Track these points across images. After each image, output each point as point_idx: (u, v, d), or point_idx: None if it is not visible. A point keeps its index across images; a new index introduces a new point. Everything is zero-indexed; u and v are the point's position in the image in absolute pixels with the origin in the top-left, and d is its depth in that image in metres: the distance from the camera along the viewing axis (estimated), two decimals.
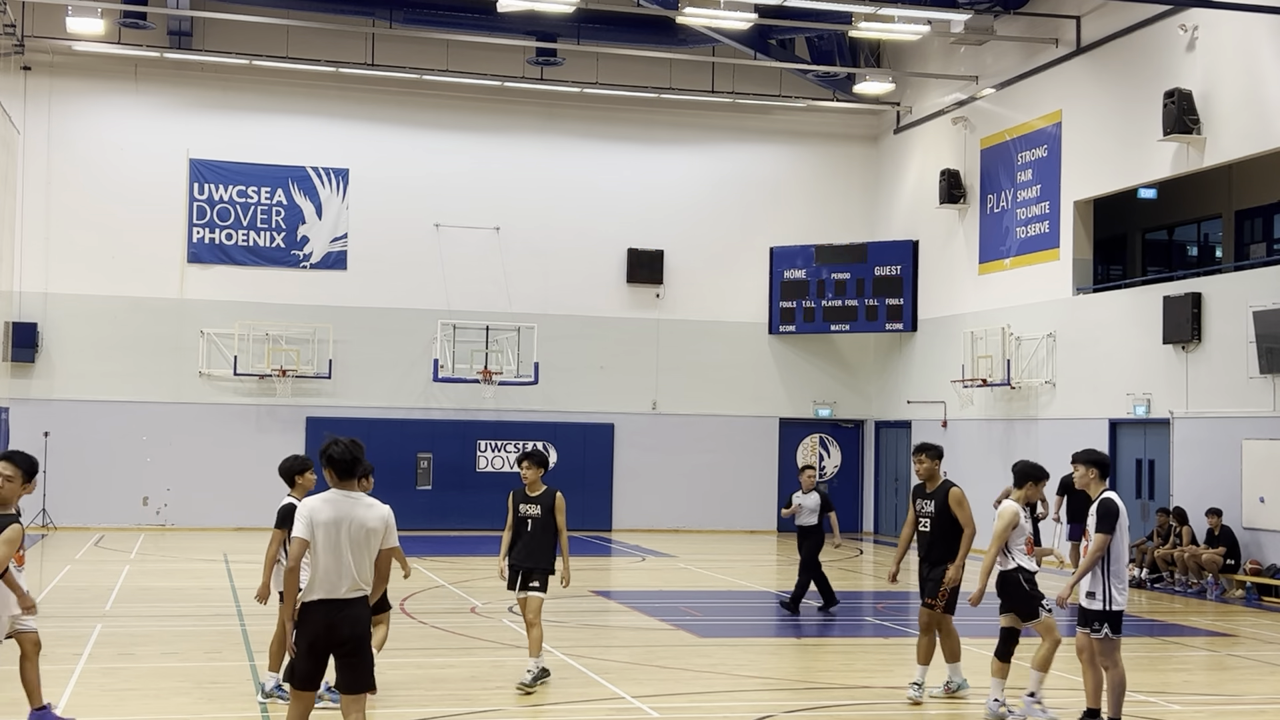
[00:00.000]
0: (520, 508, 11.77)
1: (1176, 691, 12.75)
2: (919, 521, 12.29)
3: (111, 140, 29.10)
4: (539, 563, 11.69)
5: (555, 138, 31.37)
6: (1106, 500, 10.70)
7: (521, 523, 11.74)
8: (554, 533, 11.74)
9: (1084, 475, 10.94)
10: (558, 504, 11.74)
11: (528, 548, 11.69)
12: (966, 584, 12.00)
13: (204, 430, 28.91)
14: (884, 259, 30.96)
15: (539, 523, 11.69)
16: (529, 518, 11.72)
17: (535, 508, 11.74)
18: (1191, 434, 21.90)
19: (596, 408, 31.26)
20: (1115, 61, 24.28)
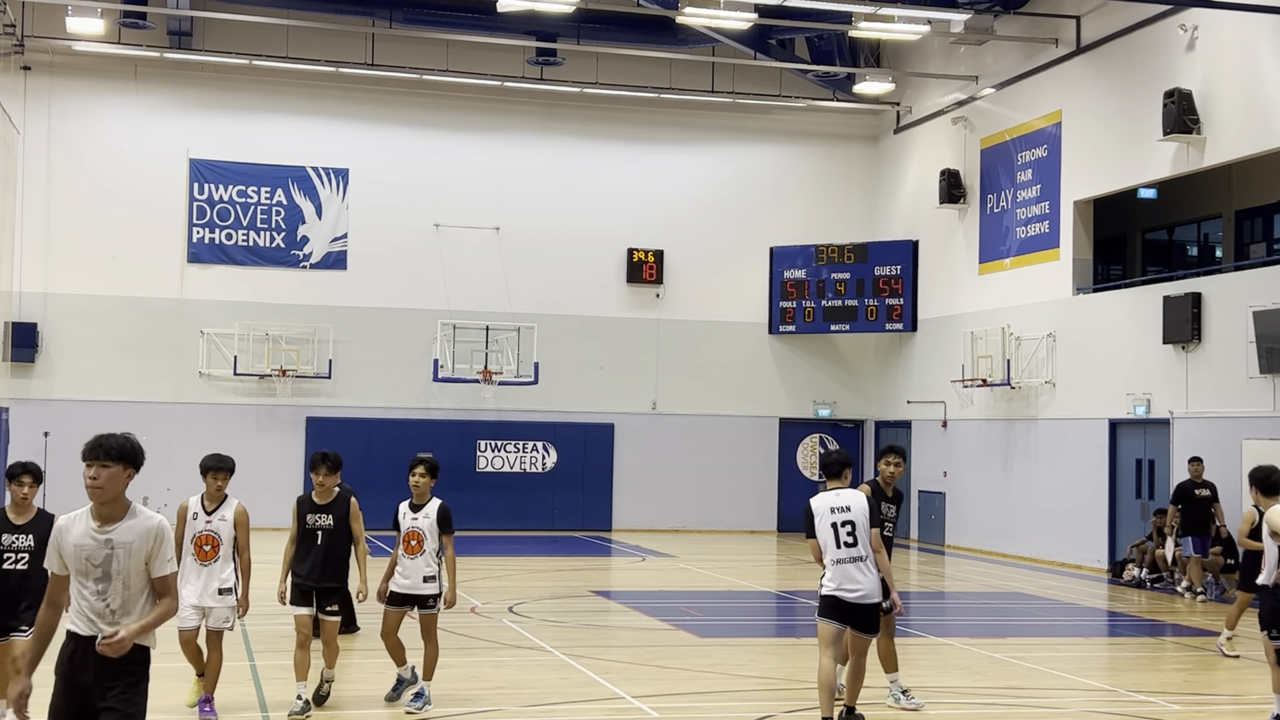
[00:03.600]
0: (309, 518, 10.78)
1: (1176, 691, 12.75)
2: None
3: (111, 140, 29.10)
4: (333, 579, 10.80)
5: (555, 138, 31.37)
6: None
7: (310, 534, 10.77)
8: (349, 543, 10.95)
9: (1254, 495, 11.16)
10: (352, 510, 10.88)
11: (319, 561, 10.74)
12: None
13: (204, 430, 28.87)
14: (884, 259, 30.96)
15: (330, 533, 10.75)
16: (320, 529, 10.74)
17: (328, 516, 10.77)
18: (1191, 434, 21.90)
19: (596, 408, 31.26)
20: (1115, 61, 24.28)
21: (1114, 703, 11.90)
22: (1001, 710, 11.59)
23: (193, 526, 10.40)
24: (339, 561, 10.79)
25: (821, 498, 10.20)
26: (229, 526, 10.45)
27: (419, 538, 10.92)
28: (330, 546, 10.74)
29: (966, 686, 12.65)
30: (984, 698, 12.07)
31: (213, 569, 10.40)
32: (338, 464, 10.96)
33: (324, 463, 10.88)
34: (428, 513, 11.00)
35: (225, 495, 10.60)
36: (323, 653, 10.96)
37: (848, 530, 9.97)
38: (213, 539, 10.40)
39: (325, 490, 10.82)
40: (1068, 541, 24.87)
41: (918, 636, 16.29)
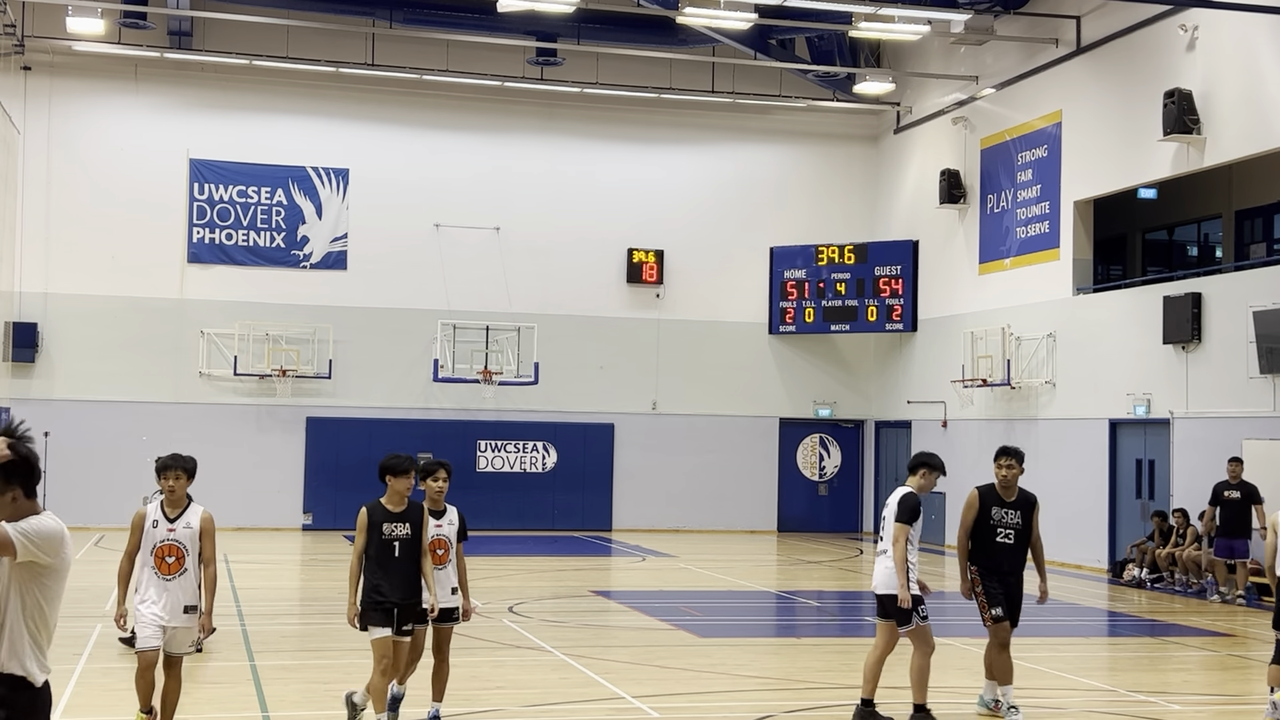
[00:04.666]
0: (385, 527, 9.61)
1: (1176, 691, 12.75)
2: (997, 532, 10.85)
3: (111, 140, 29.10)
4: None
5: (555, 138, 31.37)
6: None
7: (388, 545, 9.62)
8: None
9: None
10: (425, 518, 9.85)
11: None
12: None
13: (204, 430, 28.86)
14: (884, 259, 30.96)
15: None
16: (398, 539, 9.62)
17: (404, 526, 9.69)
18: (1191, 434, 21.90)
19: (596, 408, 31.25)
20: (1115, 61, 24.28)
21: (1114, 703, 11.90)
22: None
23: (152, 536, 9.18)
24: (418, 576, 9.67)
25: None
26: (194, 535, 9.22)
27: (445, 546, 10.06)
28: (410, 559, 9.61)
29: (966, 686, 12.64)
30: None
31: (179, 584, 9.15)
32: (409, 468, 9.77)
33: (412, 466, 9.80)
34: (451, 519, 10.19)
35: (189, 500, 9.38)
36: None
37: (884, 525, 10.61)
38: (177, 549, 9.16)
39: (403, 497, 9.66)
40: (1068, 541, 24.85)
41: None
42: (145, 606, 9.08)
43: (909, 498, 10.47)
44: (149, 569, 9.12)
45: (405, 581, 9.51)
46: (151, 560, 9.11)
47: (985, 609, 10.75)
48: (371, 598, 9.46)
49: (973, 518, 10.86)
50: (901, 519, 10.35)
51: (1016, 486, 10.87)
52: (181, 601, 9.12)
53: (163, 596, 9.09)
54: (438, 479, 10.10)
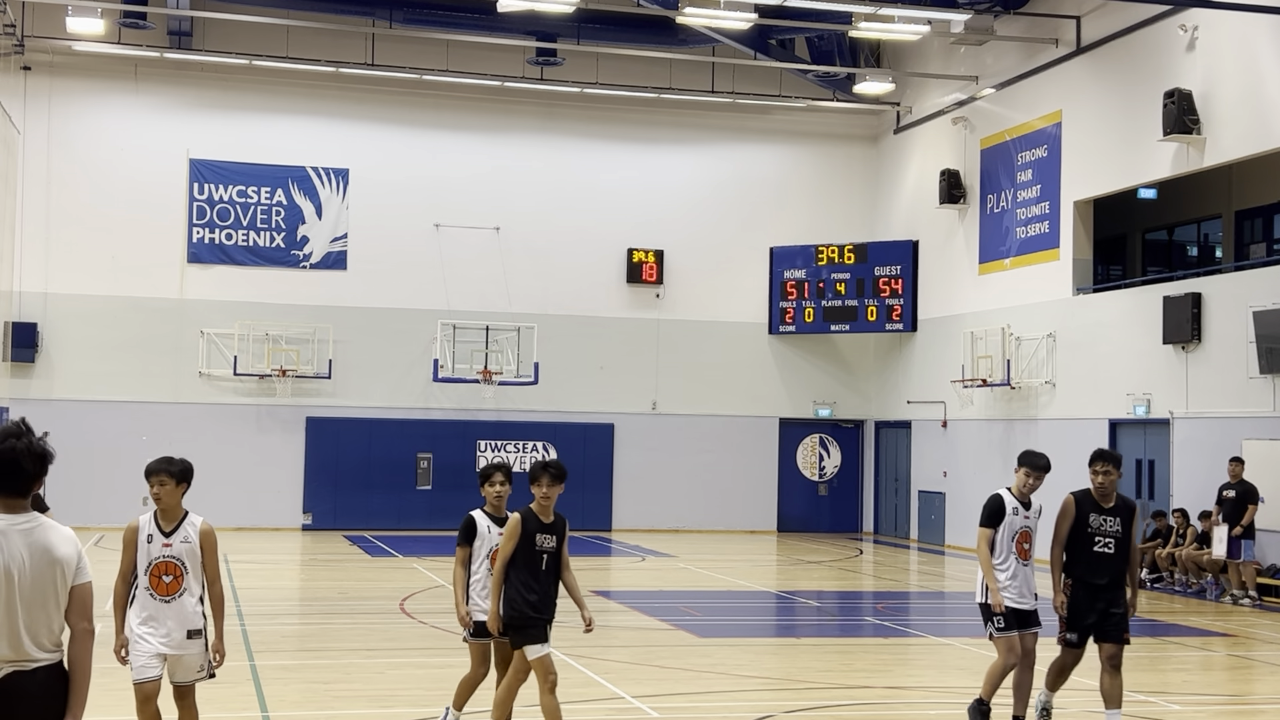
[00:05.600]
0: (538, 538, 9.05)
1: (1176, 691, 12.74)
2: (1095, 541, 10.09)
3: (111, 140, 29.10)
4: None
5: (555, 138, 31.37)
6: None
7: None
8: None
9: None
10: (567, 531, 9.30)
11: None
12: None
13: (204, 430, 28.89)
14: (884, 259, 30.96)
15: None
16: (547, 552, 9.07)
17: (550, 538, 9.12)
18: (1191, 434, 21.89)
19: (596, 408, 31.25)
20: (1115, 61, 24.28)
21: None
22: (1001, 710, 11.57)
23: (147, 552, 8.04)
24: (557, 591, 9.11)
25: None
26: (194, 549, 8.13)
27: None
28: (554, 574, 9.04)
29: (966, 686, 12.63)
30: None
31: (178, 606, 8.03)
32: (560, 475, 9.07)
33: (545, 472, 8.98)
34: None
35: (185, 511, 8.31)
36: (503, 689, 9.26)
37: None
38: (174, 567, 8.04)
39: (549, 507, 9.04)
40: None
41: (918, 636, 16.29)
42: (142, 631, 7.97)
43: (989, 500, 10.24)
44: (144, 589, 8.00)
45: (551, 597, 9.02)
46: (147, 580, 7.99)
47: (1063, 627, 10.21)
48: (525, 614, 8.84)
49: (1068, 526, 10.10)
50: (980, 522, 10.17)
51: (1115, 492, 10.13)
52: (183, 625, 8.03)
53: (162, 621, 7.99)
54: (494, 483, 9.49)
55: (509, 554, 8.89)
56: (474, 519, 9.48)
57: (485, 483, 9.49)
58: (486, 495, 9.51)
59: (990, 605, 9.99)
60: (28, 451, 5.18)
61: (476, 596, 9.35)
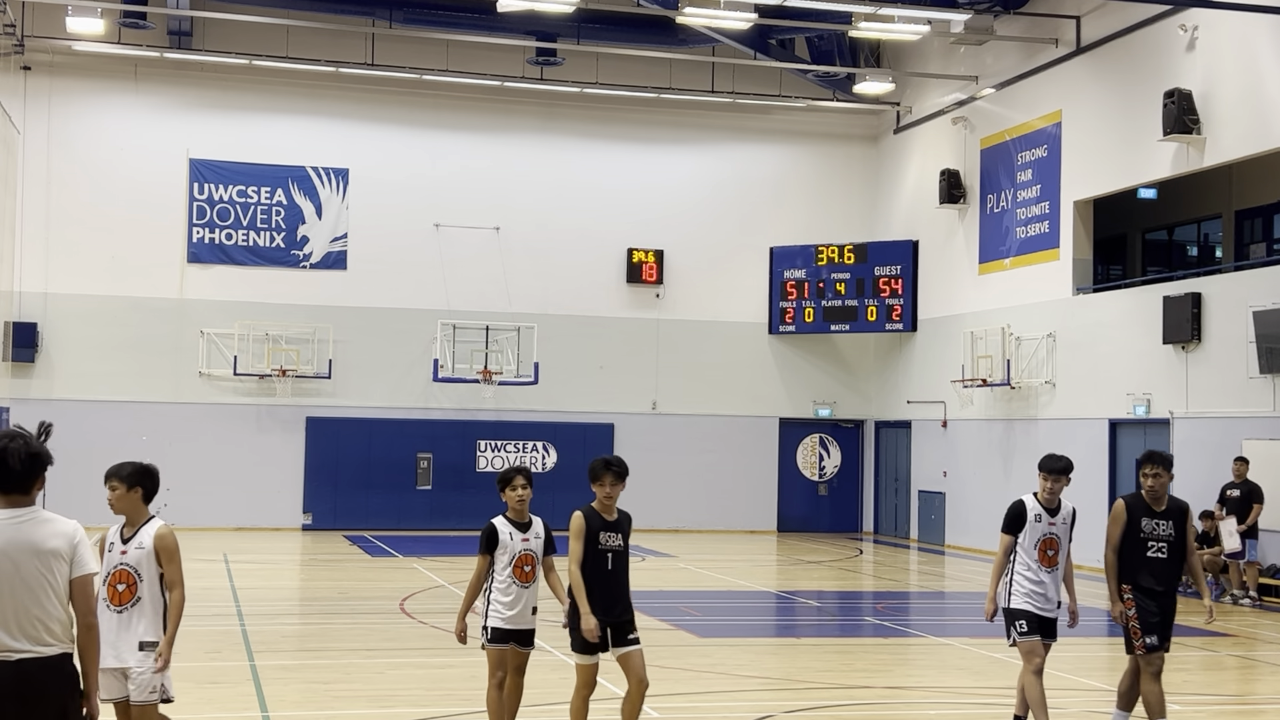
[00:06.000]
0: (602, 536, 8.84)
1: (1176, 691, 12.74)
2: (1149, 546, 9.82)
3: (111, 140, 29.10)
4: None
5: (555, 138, 31.37)
6: None
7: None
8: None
9: None
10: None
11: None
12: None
13: (204, 430, 28.91)
14: (884, 259, 30.96)
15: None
16: (612, 551, 8.89)
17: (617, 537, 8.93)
18: (1191, 434, 21.90)
19: (596, 408, 31.25)
20: (1115, 61, 24.29)
21: (1114, 702, 11.88)
22: (1001, 710, 11.58)
23: (108, 561, 7.59)
24: (628, 589, 8.95)
25: None
26: (149, 555, 7.55)
27: (532, 562, 9.15)
28: (624, 571, 8.90)
29: (966, 686, 12.65)
30: (984, 698, 12.06)
31: (131, 616, 7.49)
32: (622, 473, 8.92)
33: (608, 470, 8.82)
34: (537, 531, 9.25)
35: (151, 516, 7.79)
36: (630, 700, 8.82)
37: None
38: (128, 575, 7.52)
39: (613, 505, 8.91)
40: None
41: (918, 636, 16.29)
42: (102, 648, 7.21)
43: (1010, 505, 9.97)
44: (102, 600, 7.36)
45: (621, 597, 8.81)
46: (104, 590, 7.46)
47: (1138, 635, 9.77)
48: (580, 616, 8.64)
49: (1120, 532, 9.81)
50: (1002, 528, 9.91)
51: (1166, 495, 9.84)
52: (135, 636, 7.46)
53: (114, 632, 7.39)
54: (515, 487, 9.20)
55: (579, 555, 8.68)
56: (495, 527, 9.15)
57: (506, 487, 9.22)
58: (508, 500, 9.21)
59: (1010, 610, 9.75)
60: (20, 452, 5.50)
61: (499, 601, 9.08)
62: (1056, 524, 9.80)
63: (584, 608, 8.58)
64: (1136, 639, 9.79)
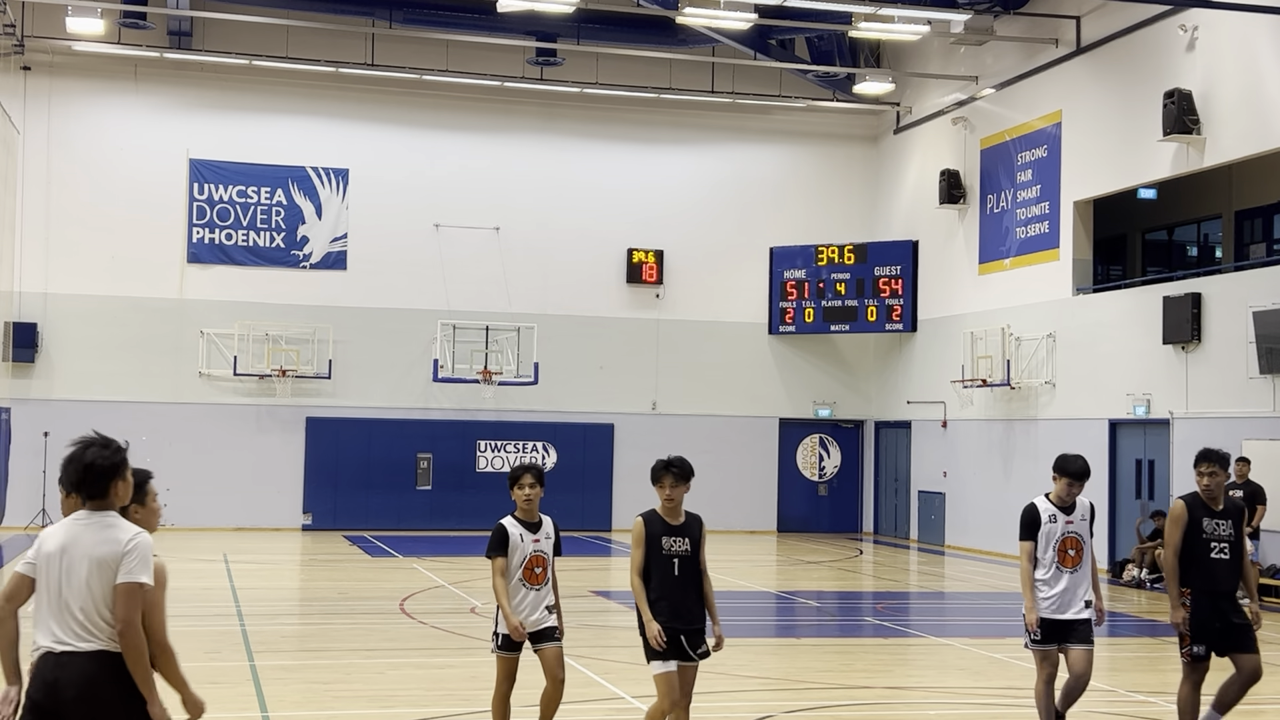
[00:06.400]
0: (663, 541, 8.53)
1: (1176, 692, 12.73)
2: (1211, 547, 9.48)
3: (111, 140, 29.10)
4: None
5: (555, 138, 31.37)
6: None
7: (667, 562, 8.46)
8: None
9: None
10: (704, 533, 8.85)
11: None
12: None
13: (204, 430, 28.91)
14: (884, 259, 30.96)
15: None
16: (677, 555, 8.55)
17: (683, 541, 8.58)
18: (1191, 434, 21.88)
19: (596, 408, 31.25)
20: (1115, 61, 24.29)
21: (1114, 703, 11.89)
22: (1001, 710, 11.59)
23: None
24: (700, 596, 8.49)
25: None
26: None
27: (543, 563, 8.95)
28: (692, 577, 8.48)
29: (966, 686, 12.65)
30: (984, 698, 12.06)
31: None
32: (685, 474, 8.68)
33: (668, 472, 8.66)
34: (548, 532, 9.06)
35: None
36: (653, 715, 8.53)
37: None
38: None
39: (677, 508, 8.68)
40: None
41: (918, 636, 16.30)
42: None
43: (1023, 510, 9.61)
44: None
45: (690, 603, 8.37)
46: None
47: (1187, 641, 9.46)
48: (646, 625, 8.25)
49: (1180, 534, 9.43)
50: (1020, 535, 9.54)
51: (1223, 494, 9.55)
52: None
53: None
54: (524, 485, 8.92)
55: (640, 562, 8.38)
56: (504, 527, 8.88)
57: (514, 485, 8.94)
58: (516, 499, 8.96)
59: (1038, 621, 9.39)
60: (98, 457, 5.73)
61: (507, 605, 8.82)
62: (1075, 521, 9.46)
63: (645, 614, 8.22)
64: (1185, 645, 9.50)
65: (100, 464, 5.72)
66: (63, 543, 5.69)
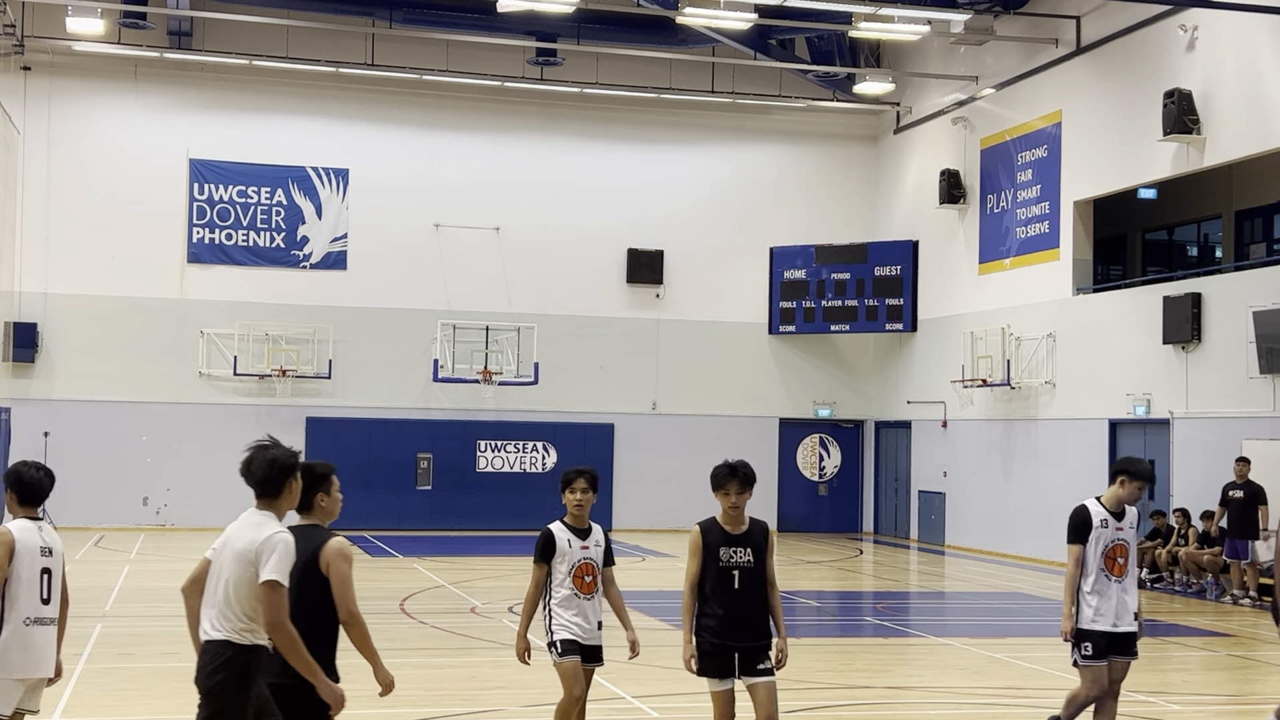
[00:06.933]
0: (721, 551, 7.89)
1: (1176, 691, 12.75)
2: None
3: (111, 140, 29.10)
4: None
5: (555, 138, 31.36)
6: None
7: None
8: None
9: None
10: (771, 542, 8.05)
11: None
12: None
13: (204, 430, 28.90)
14: (884, 259, 30.95)
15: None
16: (738, 567, 7.87)
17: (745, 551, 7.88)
18: (1191, 434, 21.89)
19: (596, 408, 31.25)
20: (1115, 61, 24.28)
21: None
22: (1001, 710, 11.59)
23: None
24: (763, 611, 7.87)
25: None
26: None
27: (593, 572, 8.38)
28: (755, 591, 7.83)
29: (966, 686, 12.65)
30: (984, 698, 12.06)
31: None
32: (749, 479, 7.90)
33: (733, 477, 7.86)
34: (597, 539, 8.46)
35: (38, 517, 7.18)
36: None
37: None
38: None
39: (741, 515, 7.94)
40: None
41: (918, 636, 16.30)
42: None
43: (1074, 512, 9.01)
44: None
45: (749, 618, 7.79)
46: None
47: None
48: (706, 640, 7.80)
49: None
50: (1067, 539, 8.98)
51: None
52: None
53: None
54: (576, 490, 8.33)
55: (694, 574, 7.86)
56: (552, 533, 8.33)
57: (566, 489, 8.36)
58: (567, 503, 8.39)
59: (1072, 631, 8.97)
60: (261, 460, 6.23)
61: (560, 613, 8.34)
62: (1124, 529, 8.93)
63: (684, 634, 7.86)
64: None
65: (283, 461, 6.25)
66: (226, 536, 6.24)
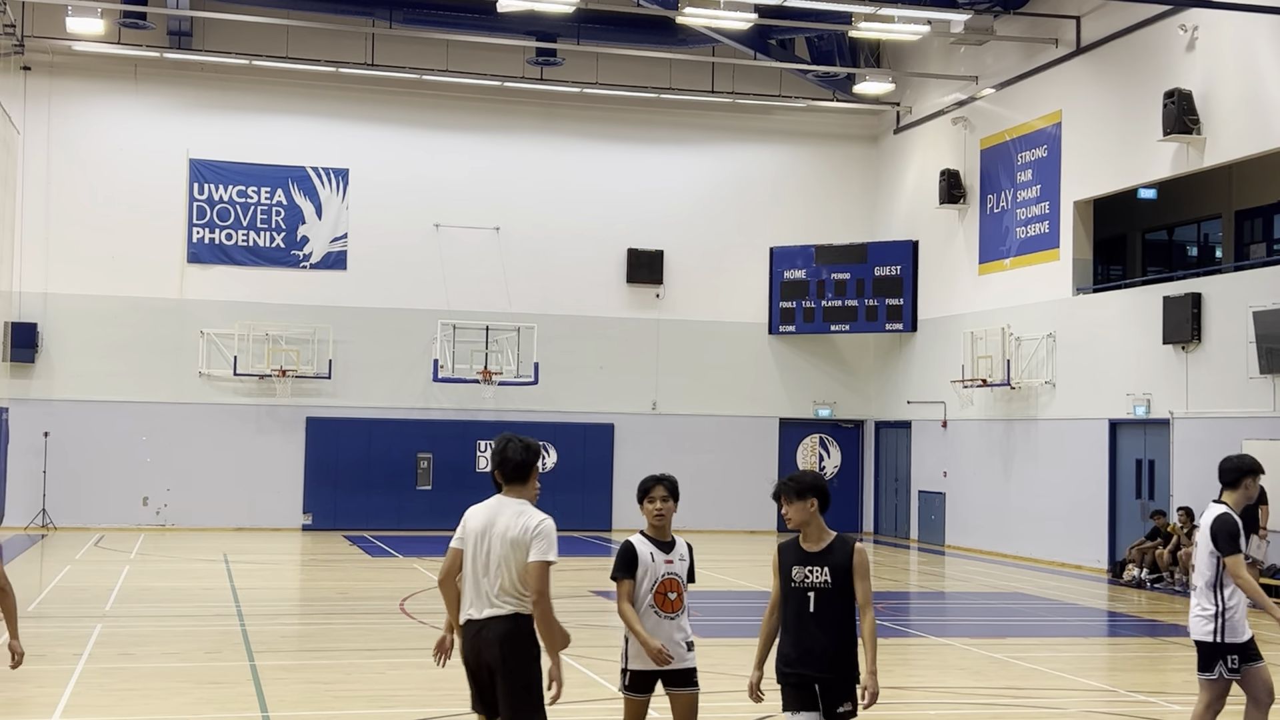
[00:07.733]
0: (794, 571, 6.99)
1: (1176, 691, 12.75)
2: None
3: (111, 140, 29.10)
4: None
5: (555, 138, 31.37)
6: None
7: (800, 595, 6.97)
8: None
9: None
10: (858, 563, 6.93)
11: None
12: None
13: (204, 430, 28.91)
14: (884, 259, 30.96)
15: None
16: (812, 588, 6.96)
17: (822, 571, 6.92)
18: (1191, 434, 21.90)
19: (596, 408, 31.25)
20: (1115, 61, 24.29)
21: (1114, 703, 11.91)
22: (1001, 710, 11.59)
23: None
24: (844, 639, 6.95)
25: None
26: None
27: (678, 588, 7.73)
28: (835, 616, 6.90)
29: (966, 686, 12.65)
30: (984, 698, 12.06)
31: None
32: (802, 488, 6.98)
33: (784, 490, 7.04)
34: (681, 553, 7.79)
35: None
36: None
37: (1195, 553, 8.75)
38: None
39: (807, 530, 6.99)
40: (1068, 542, 24.87)
41: (918, 636, 16.30)
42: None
43: (1229, 521, 8.36)
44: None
45: (815, 647, 6.89)
46: None
47: None
48: (779, 669, 6.99)
49: None
50: (1226, 549, 8.34)
51: None
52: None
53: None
54: (655, 499, 7.67)
55: (773, 596, 7.18)
56: (633, 546, 7.67)
57: (644, 499, 7.73)
58: (646, 514, 7.73)
59: (1227, 644, 8.51)
60: (518, 447, 7.04)
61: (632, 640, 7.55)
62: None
63: (755, 657, 7.27)
64: None
65: (535, 448, 6.99)
66: (484, 523, 7.01)
